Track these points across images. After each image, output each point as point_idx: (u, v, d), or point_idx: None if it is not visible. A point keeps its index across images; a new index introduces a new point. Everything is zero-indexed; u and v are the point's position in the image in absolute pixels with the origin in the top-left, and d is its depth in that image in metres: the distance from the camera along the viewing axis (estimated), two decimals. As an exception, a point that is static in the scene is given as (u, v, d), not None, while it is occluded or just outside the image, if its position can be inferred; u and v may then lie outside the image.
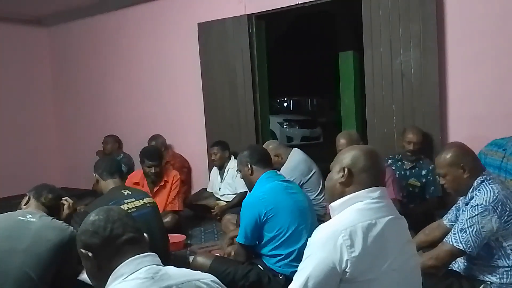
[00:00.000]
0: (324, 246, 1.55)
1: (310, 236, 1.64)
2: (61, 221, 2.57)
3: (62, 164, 7.54)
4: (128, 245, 1.47)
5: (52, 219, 2.52)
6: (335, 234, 1.54)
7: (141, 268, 1.41)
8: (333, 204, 1.71)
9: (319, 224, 1.69)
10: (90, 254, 1.47)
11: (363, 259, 1.53)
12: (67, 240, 2.39)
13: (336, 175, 1.73)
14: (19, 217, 2.42)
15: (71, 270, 2.54)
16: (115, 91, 6.66)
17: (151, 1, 6.02)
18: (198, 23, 5.57)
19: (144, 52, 6.26)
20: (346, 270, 1.52)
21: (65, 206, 2.76)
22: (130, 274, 1.40)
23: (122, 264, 1.42)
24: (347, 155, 1.74)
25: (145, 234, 1.56)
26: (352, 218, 1.59)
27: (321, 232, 1.60)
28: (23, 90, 7.11)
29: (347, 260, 1.51)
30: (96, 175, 3.20)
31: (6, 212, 2.52)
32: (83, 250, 1.49)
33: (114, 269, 1.42)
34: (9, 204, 2.63)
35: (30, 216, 2.44)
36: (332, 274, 1.53)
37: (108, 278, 1.43)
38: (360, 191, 1.66)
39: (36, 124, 7.33)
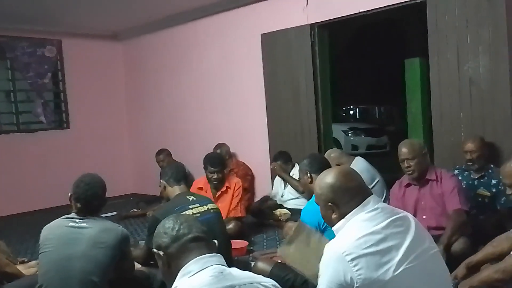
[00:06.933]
0: (330, 268, 1.66)
1: None
2: (110, 221, 2.68)
3: (133, 171, 7.92)
4: (194, 243, 1.60)
5: (102, 221, 2.61)
6: (337, 255, 1.65)
7: (207, 267, 1.53)
8: (334, 227, 1.84)
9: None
10: (161, 253, 1.62)
11: (369, 268, 1.61)
12: (120, 239, 2.53)
13: (328, 213, 1.85)
14: (70, 223, 2.53)
15: (130, 264, 2.71)
16: (184, 102, 6.92)
17: (217, 14, 6.22)
18: (261, 34, 5.69)
19: (210, 63, 6.47)
20: (355, 285, 1.60)
21: None
22: (197, 272, 1.52)
23: (190, 262, 1.55)
24: (324, 191, 1.85)
25: (214, 240, 1.67)
26: (352, 234, 1.69)
27: (326, 253, 1.71)
28: (100, 101, 7.56)
29: (351, 278, 1.60)
30: (163, 181, 3.32)
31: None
32: (155, 250, 1.65)
33: (182, 267, 1.55)
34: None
35: (80, 220, 2.54)
36: None
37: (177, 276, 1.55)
38: (354, 209, 1.77)
39: (111, 133, 7.75)
